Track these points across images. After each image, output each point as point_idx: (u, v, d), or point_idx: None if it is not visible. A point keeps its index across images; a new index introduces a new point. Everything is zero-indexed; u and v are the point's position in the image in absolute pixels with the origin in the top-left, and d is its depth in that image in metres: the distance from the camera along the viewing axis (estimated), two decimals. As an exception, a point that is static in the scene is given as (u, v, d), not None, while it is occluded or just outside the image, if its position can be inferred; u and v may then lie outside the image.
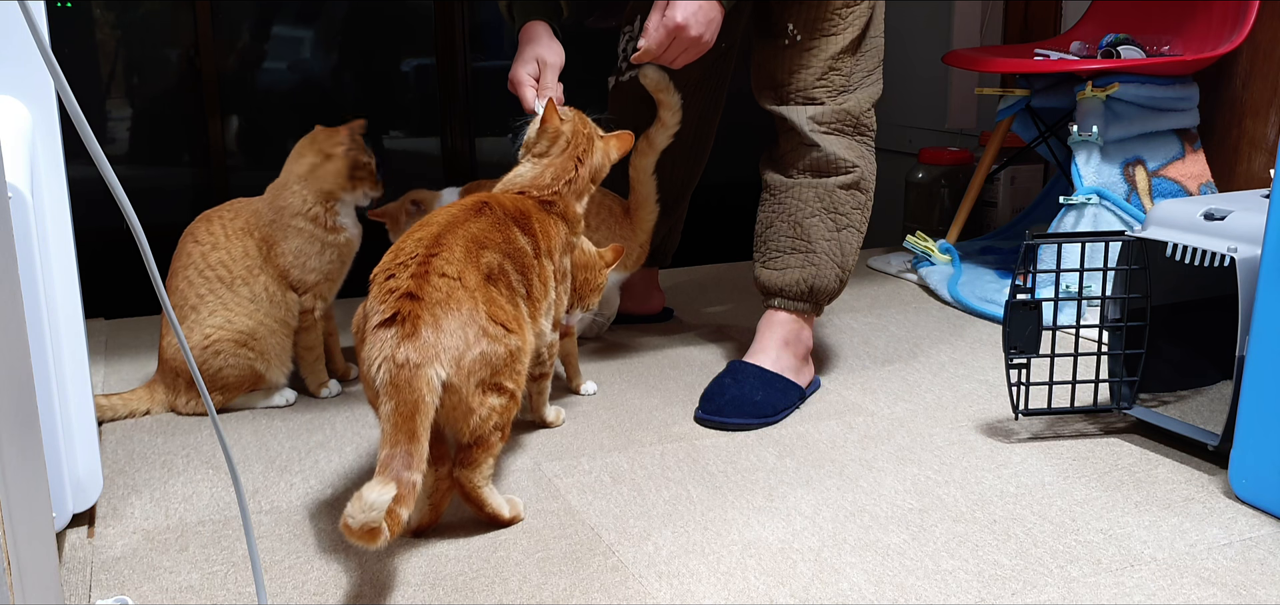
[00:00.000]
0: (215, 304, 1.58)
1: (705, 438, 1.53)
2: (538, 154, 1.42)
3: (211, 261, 1.59)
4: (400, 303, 1.13)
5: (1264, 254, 1.26)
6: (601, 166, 1.46)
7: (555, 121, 1.41)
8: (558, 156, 1.41)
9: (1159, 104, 2.24)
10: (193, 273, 1.59)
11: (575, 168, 1.41)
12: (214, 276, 1.59)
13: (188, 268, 1.59)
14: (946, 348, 1.96)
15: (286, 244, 1.61)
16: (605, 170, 1.47)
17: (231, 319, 1.58)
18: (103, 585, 1.13)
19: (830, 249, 1.68)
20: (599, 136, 1.46)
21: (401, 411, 1.08)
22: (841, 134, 1.67)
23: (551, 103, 1.42)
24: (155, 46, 3.17)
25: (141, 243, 0.81)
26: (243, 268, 1.60)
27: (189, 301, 1.58)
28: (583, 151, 1.42)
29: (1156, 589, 1.11)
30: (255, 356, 1.60)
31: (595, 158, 1.44)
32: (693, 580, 1.13)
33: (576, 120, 1.44)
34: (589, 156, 1.43)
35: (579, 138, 1.43)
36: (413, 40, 3.35)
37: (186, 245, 1.61)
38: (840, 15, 1.64)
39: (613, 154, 1.47)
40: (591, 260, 1.59)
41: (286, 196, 1.62)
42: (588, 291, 1.59)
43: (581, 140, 1.43)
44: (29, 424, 0.79)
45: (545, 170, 1.40)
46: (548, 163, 1.41)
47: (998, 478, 1.39)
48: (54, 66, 0.73)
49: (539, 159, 1.42)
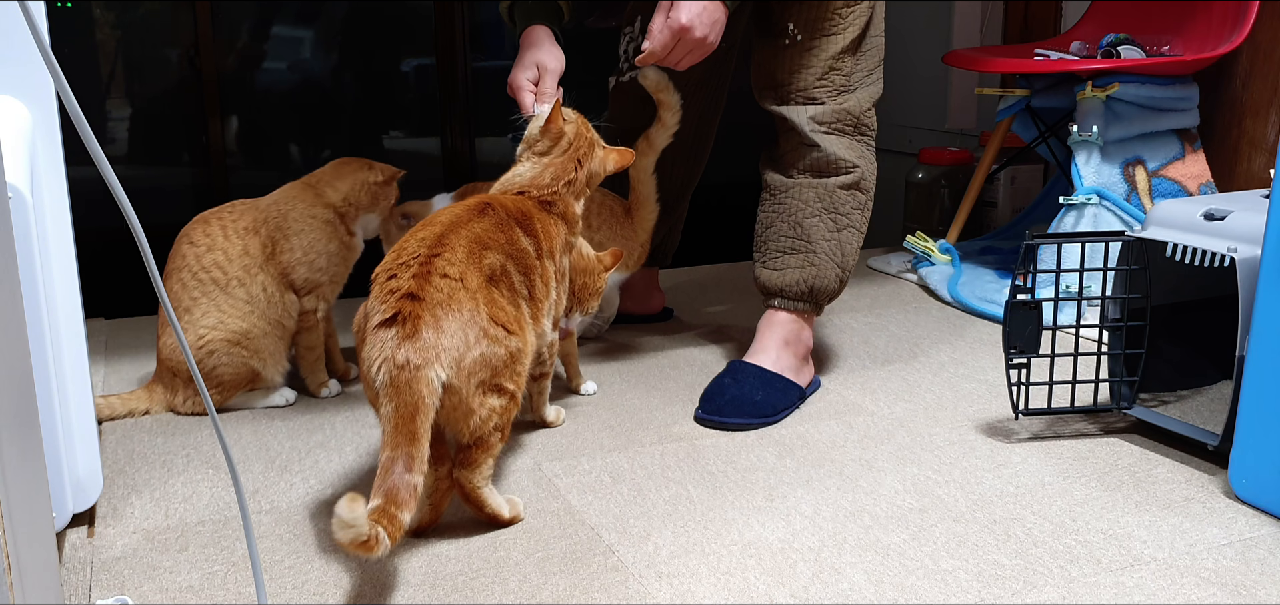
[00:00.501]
0: (208, 306, 1.58)
1: (705, 438, 1.53)
2: (538, 153, 1.42)
3: (206, 263, 1.59)
4: (401, 303, 1.13)
5: (1264, 254, 1.26)
6: (598, 173, 1.46)
7: (559, 122, 1.41)
8: (558, 157, 1.41)
9: (1159, 104, 2.24)
10: (186, 275, 1.59)
11: (575, 169, 1.41)
12: (208, 278, 1.59)
13: (182, 270, 1.59)
14: (946, 348, 1.96)
15: (297, 240, 1.62)
16: (601, 177, 1.47)
17: (225, 320, 1.58)
18: (103, 585, 1.13)
19: (830, 249, 1.68)
20: (600, 145, 1.46)
21: (402, 413, 1.08)
22: (842, 134, 1.67)
23: (558, 103, 1.42)
24: (155, 46, 3.17)
25: (141, 243, 0.81)
26: (240, 268, 1.60)
27: (182, 303, 1.58)
28: (583, 154, 1.42)
29: (1156, 589, 1.11)
30: (250, 355, 1.60)
31: (594, 162, 1.44)
32: (693, 580, 1.13)
33: (579, 123, 1.44)
34: (589, 160, 1.43)
35: (581, 140, 1.43)
36: (413, 40, 3.35)
37: (181, 247, 1.61)
38: (840, 15, 1.64)
39: (610, 165, 1.47)
40: (590, 264, 1.59)
41: (311, 193, 1.64)
42: (587, 295, 1.59)
43: (582, 143, 1.43)
44: (29, 424, 0.79)
45: (545, 170, 1.40)
46: (548, 162, 1.41)
47: (998, 478, 1.39)
48: (54, 66, 0.73)
49: (539, 158, 1.42)
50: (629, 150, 1.50)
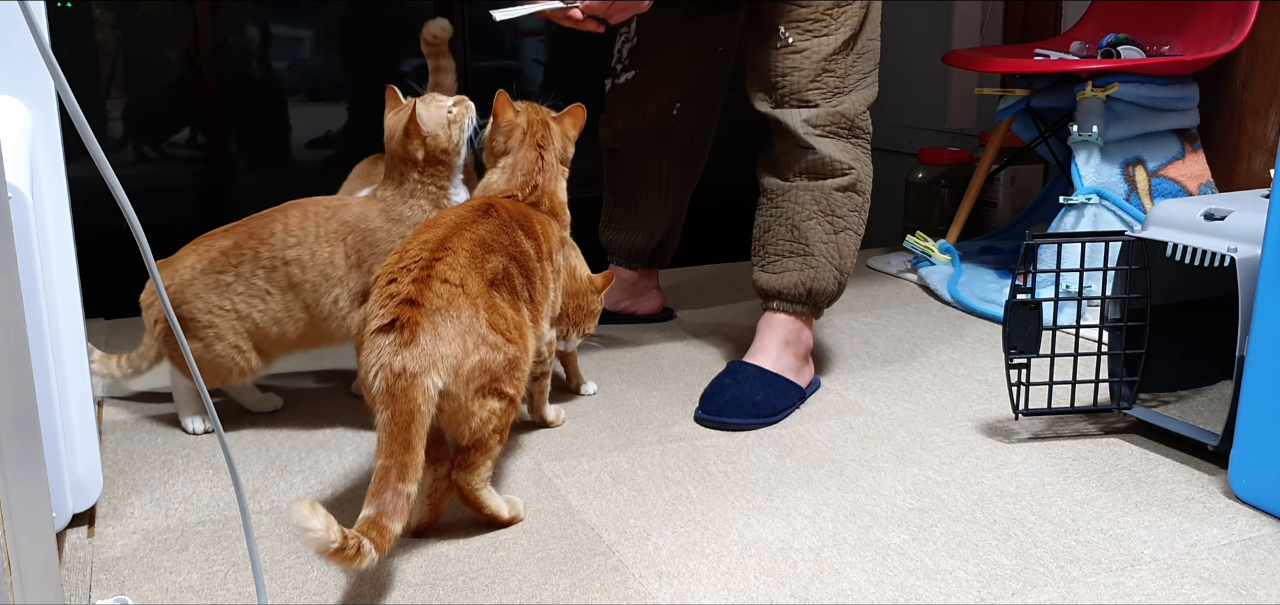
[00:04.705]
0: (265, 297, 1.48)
1: (705, 438, 1.53)
2: (499, 152, 1.42)
3: (288, 257, 1.47)
4: (399, 309, 1.13)
5: (1264, 254, 1.26)
6: (564, 149, 1.46)
7: (508, 114, 1.41)
8: (519, 151, 1.41)
9: (1159, 104, 2.24)
10: (265, 253, 1.47)
11: (539, 156, 1.41)
12: (282, 273, 1.47)
13: (262, 246, 1.47)
14: (946, 348, 1.96)
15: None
16: (570, 150, 1.47)
17: (267, 316, 1.48)
18: (103, 585, 1.13)
19: (828, 251, 1.68)
20: (553, 118, 1.46)
21: (397, 421, 1.08)
22: (836, 137, 1.67)
23: (502, 93, 1.41)
24: (155, 46, 3.17)
25: (141, 243, 0.81)
26: (318, 275, 1.48)
27: (242, 273, 1.47)
28: (542, 138, 1.42)
29: (1156, 589, 1.11)
30: (264, 357, 1.52)
31: (557, 142, 1.44)
32: (693, 580, 1.13)
33: (529, 110, 1.44)
34: (550, 142, 1.43)
35: (535, 126, 1.43)
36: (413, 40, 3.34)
37: (273, 223, 1.49)
38: (831, 16, 1.63)
39: (571, 132, 1.48)
40: (583, 286, 1.59)
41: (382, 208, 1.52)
42: (582, 318, 1.59)
43: (538, 128, 1.43)
44: (29, 424, 0.79)
45: (514, 173, 1.40)
46: (514, 163, 1.41)
47: (998, 478, 1.39)
48: (54, 66, 0.73)
49: (504, 159, 1.42)
50: (580, 105, 1.49)
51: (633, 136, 1.95)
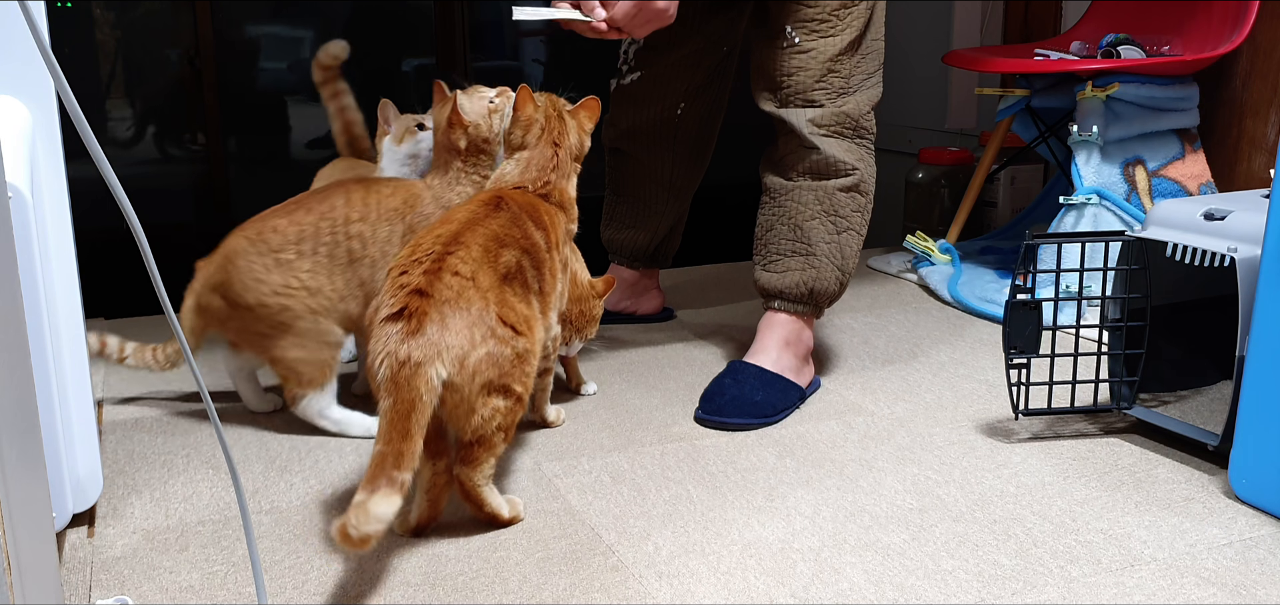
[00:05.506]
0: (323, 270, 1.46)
1: (705, 438, 1.53)
2: (516, 145, 1.42)
3: (352, 232, 1.46)
4: (408, 298, 1.14)
5: (1264, 254, 1.26)
6: (579, 142, 1.46)
7: (529, 109, 1.42)
8: (535, 146, 1.41)
9: (1159, 104, 2.24)
10: (326, 227, 1.46)
11: (554, 152, 1.41)
12: (343, 247, 1.46)
13: (325, 218, 1.46)
14: (946, 348, 1.96)
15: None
16: (585, 145, 1.47)
17: (322, 290, 1.46)
18: (103, 585, 1.13)
19: (830, 251, 1.68)
20: (568, 111, 1.46)
21: (398, 409, 1.08)
22: (841, 137, 1.67)
23: (525, 88, 1.42)
24: (155, 46, 3.17)
25: (141, 243, 0.81)
26: (377, 251, 1.47)
27: (306, 236, 1.46)
28: (557, 134, 1.43)
29: (1156, 589, 1.11)
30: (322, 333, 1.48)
31: (571, 137, 1.44)
32: (693, 580, 1.13)
33: (547, 104, 1.44)
34: (565, 137, 1.43)
35: (552, 122, 1.43)
36: (413, 40, 3.35)
37: (335, 196, 1.48)
38: (837, 16, 1.64)
39: (586, 125, 1.48)
40: (584, 291, 1.59)
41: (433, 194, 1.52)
42: (584, 323, 1.60)
43: (554, 123, 1.43)
44: (29, 424, 0.79)
45: (529, 166, 1.41)
46: (530, 156, 1.41)
47: (998, 478, 1.39)
48: (54, 66, 0.73)
49: (519, 152, 1.42)
50: (594, 99, 1.49)
51: (637, 136, 1.95)
